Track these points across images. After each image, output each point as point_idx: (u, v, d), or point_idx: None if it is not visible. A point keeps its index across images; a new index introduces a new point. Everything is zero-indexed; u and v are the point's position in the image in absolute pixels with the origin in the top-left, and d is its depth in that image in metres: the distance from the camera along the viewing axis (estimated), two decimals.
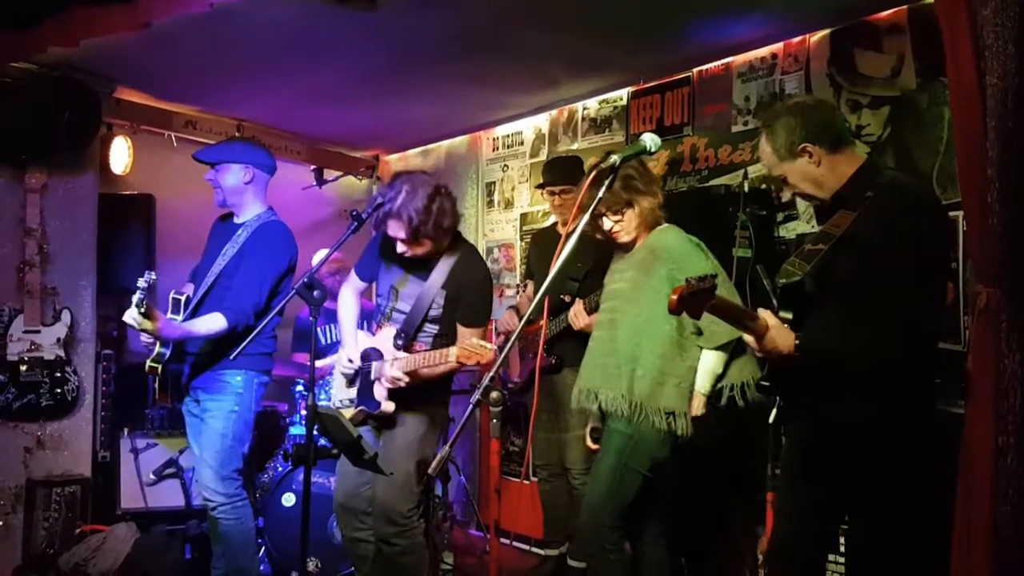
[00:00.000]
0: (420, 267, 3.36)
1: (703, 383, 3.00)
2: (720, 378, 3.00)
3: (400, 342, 3.29)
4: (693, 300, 2.11)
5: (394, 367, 3.19)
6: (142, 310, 3.24)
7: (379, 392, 3.27)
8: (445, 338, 3.32)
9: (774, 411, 2.50)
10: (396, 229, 3.18)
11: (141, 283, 3.27)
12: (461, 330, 3.30)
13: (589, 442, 3.30)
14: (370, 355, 3.38)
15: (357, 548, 3.44)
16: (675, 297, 2.08)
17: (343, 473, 3.42)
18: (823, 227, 2.36)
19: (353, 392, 3.44)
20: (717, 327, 2.88)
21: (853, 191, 2.36)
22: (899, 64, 3.52)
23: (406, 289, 3.39)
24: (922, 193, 2.44)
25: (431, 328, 3.35)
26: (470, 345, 2.95)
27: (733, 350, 2.98)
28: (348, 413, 3.38)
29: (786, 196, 2.57)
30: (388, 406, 3.27)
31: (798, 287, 2.29)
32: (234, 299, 3.49)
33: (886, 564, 2.29)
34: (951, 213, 2.84)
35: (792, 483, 2.55)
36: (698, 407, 2.99)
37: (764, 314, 2.26)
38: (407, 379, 3.18)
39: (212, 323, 3.44)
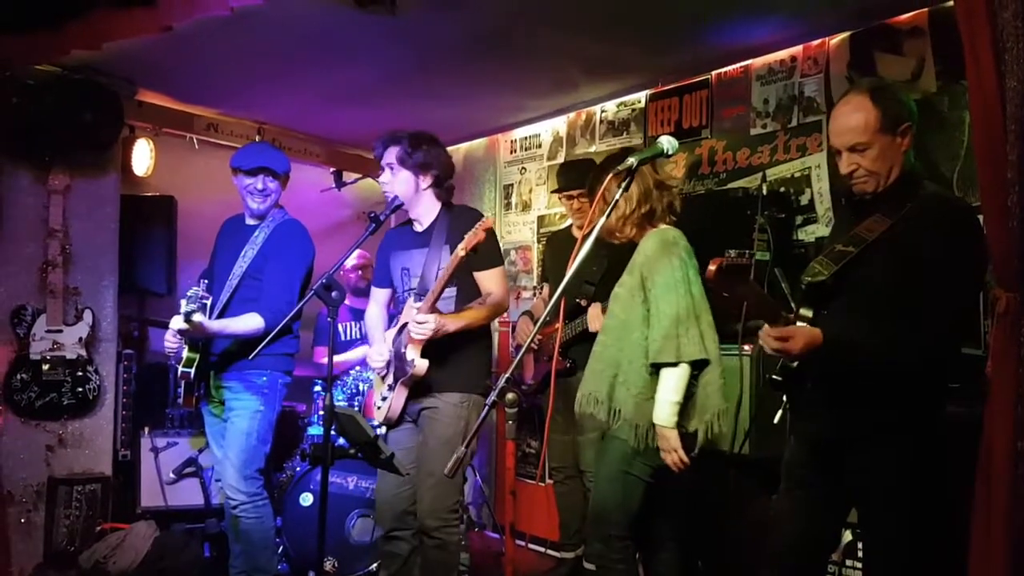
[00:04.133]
0: (421, 238, 3.42)
1: (661, 413, 2.80)
2: (681, 414, 2.83)
3: (420, 303, 3.25)
4: (729, 274, 2.03)
5: (416, 316, 3.15)
6: (194, 318, 3.28)
7: (410, 354, 3.22)
8: (466, 296, 3.31)
9: (779, 412, 2.45)
10: (390, 155, 3.37)
11: (193, 293, 3.31)
12: (479, 277, 3.29)
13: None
14: (400, 334, 3.36)
15: (391, 546, 3.41)
16: (713, 268, 2.00)
17: (385, 472, 3.36)
18: (855, 230, 2.33)
19: (386, 389, 3.39)
20: (658, 341, 2.81)
21: (894, 195, 2.33)
22: (919, 67, 3.50)
23: (415, 263, 3.40)
24: (968, 210, 2.38)
25: (448, 292, 3.30)
26: (469, 232, 3.01)
27: (690, 385, 2.84)
28: (384, 410, 3.36)
29: (844, 168, 2.39)
30: (421, 364, 3.20)
31: (822, 286, 2.27)
32: (269, 300, 3.52)
33: (902, 570, 2.28)
34: None
35: (794, 485, 2.53)
36: (667, 444, 2.81)
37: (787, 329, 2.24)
38: (434, 319, 3.12)
39: (250, 322, 3.48)
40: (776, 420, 2.42)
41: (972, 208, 2.41)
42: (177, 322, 3.34)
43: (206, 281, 3.49)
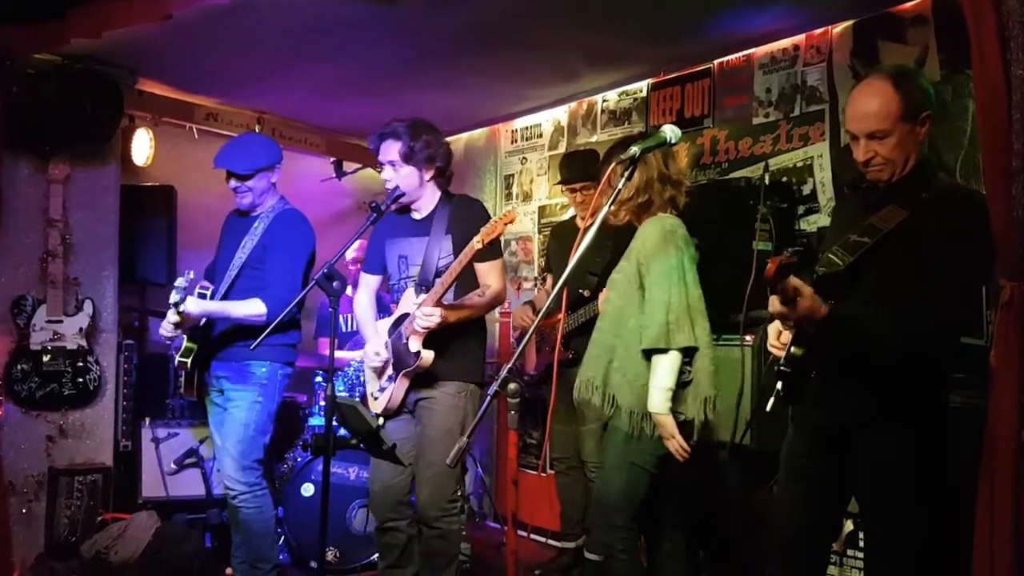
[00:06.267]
0: (420, 226, 3.39)
1: (654, 400, 2.82)
2: (677, 400, 2.84)
3: (422, 292, 3.23)
4: (786, 272, 1.98)
5: (421, 307, 3.12)
6: (181, 309, 3.28)
7: (414, 346, 3.20)
8: (465, 287, 3.28)
9: (771, 399, 2.42)
10: (391, 151, 3.28)
11: (178, 283, 3.30)
12: (479, 268, 3.26)
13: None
14: (398, 324, 3.33)
15: (387, 537, 3.41)
16: (772, 267, 1.95)
17: (379, 463, 3.36)
18: (870, 220, 2.30)
19: (385, 380, 3.39)
20: (650, 328, 2.81)
21: (908, 185, 2.30)
22: (923, 56, 3.48)
23: (413, 251, 3.38)
24: (980, 200, 2.36)
25: None
26: (488, 224, 2.95)
27: (685, 372, 2.86)
28: (383, 400, 3.35)
29: (861, 156, 2.33)
30: (428, 355, 3.17)
31: (835, 277, 2.24)
32: (271, 289, 3.52)
33: (904, 562, 2.28)
34: None
35: (793, 478, 2.52)
36: (665, 430, 2.83)
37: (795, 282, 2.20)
38: (439, 312, 3.11)
39: (252, 308, 3.48)
40: (768, 407, 2.40)
41: (983, 198, 2.39)
42: (172, 315, 3.35)
43: (191, 272, 3.46)
